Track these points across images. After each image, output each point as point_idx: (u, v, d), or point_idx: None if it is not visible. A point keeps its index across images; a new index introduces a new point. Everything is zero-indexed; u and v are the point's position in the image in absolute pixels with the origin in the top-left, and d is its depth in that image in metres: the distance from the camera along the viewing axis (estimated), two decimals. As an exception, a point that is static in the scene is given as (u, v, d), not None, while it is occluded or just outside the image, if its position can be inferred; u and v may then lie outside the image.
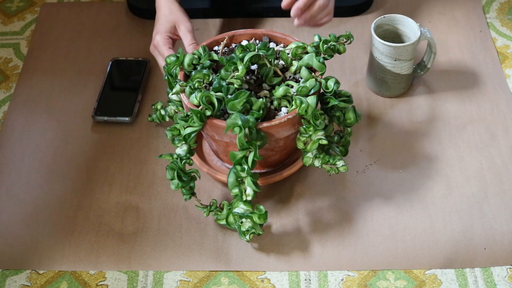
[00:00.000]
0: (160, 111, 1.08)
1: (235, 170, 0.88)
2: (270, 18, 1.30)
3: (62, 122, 1.14)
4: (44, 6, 1.36)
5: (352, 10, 1.29)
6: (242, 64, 0.90)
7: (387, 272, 0.94)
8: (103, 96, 1.16)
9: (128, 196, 1.04)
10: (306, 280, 0.94)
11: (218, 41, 1.02)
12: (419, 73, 1.15)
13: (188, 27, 1.08)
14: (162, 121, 1.09)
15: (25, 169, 1.08)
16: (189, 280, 0.94)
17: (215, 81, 0.91)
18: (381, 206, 1.01)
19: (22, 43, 1.30)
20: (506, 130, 1.10)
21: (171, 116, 1.06)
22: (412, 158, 1.07)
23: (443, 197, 1.01)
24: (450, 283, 0.93)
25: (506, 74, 1.19)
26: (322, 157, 0.93)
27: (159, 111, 1.08)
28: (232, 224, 0.93)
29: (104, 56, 1.24)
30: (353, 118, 0.96)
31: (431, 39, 1.09)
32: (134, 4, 1.32)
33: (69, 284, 0.95)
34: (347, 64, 1.21)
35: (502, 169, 1.04)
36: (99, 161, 1.08)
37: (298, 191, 1.03)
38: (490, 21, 1.29)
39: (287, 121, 0.90)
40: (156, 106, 1.09)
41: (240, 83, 0.91)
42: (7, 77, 1.23)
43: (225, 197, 1.03)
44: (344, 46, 0.97)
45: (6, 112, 1.16)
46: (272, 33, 1.03)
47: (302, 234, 0.98)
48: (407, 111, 1.13)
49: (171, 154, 0.92)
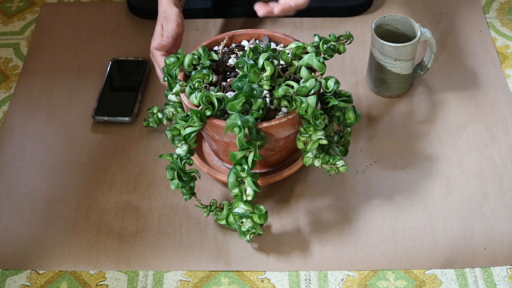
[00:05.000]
0: (157, 114, 1.07)
1: (235, 170, 0.88)
2: (270, 18, 1.30)
3: (62, 122, 1.14)
4: (44, 6, 1.36)
5: (352, 10, 1.29)
6: (270, 65, 0.90)
7: (387, 272, 0.94)
8: (103, 96, 1.16)
9: (128, 196, 1.04)
10: (306, 280, 0.94)
11: (218, 41, 1.02)
12: (419, 73, 1.15)
13: (170, 29, 1.07)
14: (160, 124, 1.08)
15: (25, 169, 1.08)
16: (189, 280, 0.94)
17: (246, 86, 0.88)
18: (381, 206, 1.01)
19: (22, 43, 1.30)
20: (506, 130, 1.10)
21: (169, 119, 1.05)
22: (412, 158, 1.07)
23: (443, 197, 1.01)
24: (450, 283, 0.93)
25: (506, 74, 1.19)
26: (322, 157, 0.93)
27: (156, 114, 1.07)
28: (232, 224, 0.93)
29: (104, 56, 1.24)
30: (353, 118, 0.96)
31: (431, 39, 1.09)
32: (134, 4, 1.32)
33: (69, 284, 0.95)
34: (347, 64, 1.21)
35: (502, 169, 1.05)
36: (99, 161, 1.08)
37: (298, 191, 1.03)
38: (490, 21, 1.29)
39: (287, 121, 0.90)
40: (152, 110, 1.08)
41: (269, 84, 0.90)
42: (7, 77, 1.23)
43: (225, 197, 1.03)
44: (344, 46, 0.97)
45: (6, 112, 1.16)
46: (272, 33, 1.03)
47: (302, 234, 0.98)
48: (407, 111, 1.13)
49: (171, 154, 0.92)
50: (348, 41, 0.98)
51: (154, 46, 1.05)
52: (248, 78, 0.89)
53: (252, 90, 0.88)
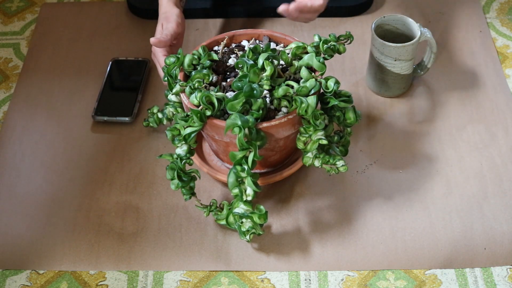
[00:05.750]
0: (157, 114, 1.07)
1: (235, 170, 0.88)
2: (270, 18, 1.30)
3: (62, 122, 1.14)
4: (44, 6, 1.36)
5: (352, 10, 1.29)
6: (270, 65, 0.90)
7: (387, 272, 0.94)
8: (103, 96, 1.16)
9: (128, 196, 1.04)
10: (306, 280, 0.94)
11: (218, 41, 1.02)
12: (419, 73, 1.15)
13: (169, 27, 1.06)
14: (160, 124, 1.08)
15: (25, 169, 1.08)
16: (189, 280, 0.94)
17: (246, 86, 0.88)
18: (381, 206, 1.01)
19: (22, 43, 1.30)
20: (506, 130, 1.10)
21: (170, 119, 1.05)
22: (412, 158, 1.07)
23: (443, 197, 1.01)
24: (450, 283, 0.93)
25: (506, 74, 1.19)
26: (322, 157, 0.93)
27: (156, 114, 1.07)
28: (232, 224, 0.93)
29: (104, 56, 1.24)
30: (353, 118, 0.96)
31: (431, 39, 1.09)
32: (134, 4, 1.32)
33: (69, 284, 0.95)
34: (347, 64, 1.21)
35: (502, 169, 1.05)
36: (99, 161, 1.08)
37: (298, 191, 1.03)
38: (490, 21, 1.29)
39: (287, 121, 0.90)
40: (152, 110, 1.08)
41: (269, 84, 0.90)
42: (7, 77, 1.23)
43: (225, 197, 1.03)
44: (344, 46, 0.97)
45: (6, 112, 1.16)
46: (272, 33, 1.03)
47: (302, 234, 0.98)
48: (407, 111, 1.13)
49: (171, 154, 0.92)
50: (348, 41, 0.98)
51: (152, 41, 1.04)
52: (248, 78, 0.89)
53: (252, 90, 0.88)
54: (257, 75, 0.89)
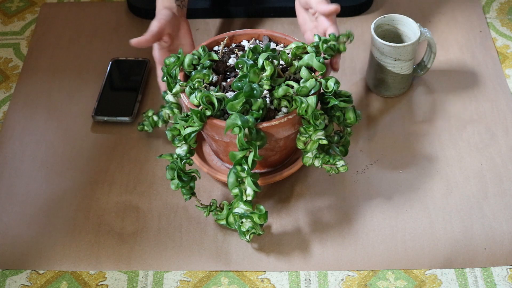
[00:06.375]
0: (152, 117, 1.06)
1: (235, 170, 0.88)
2: (270, 18, 1.30)
3: (62, 122, 1.14)
4: (44, 6, 1.36)
5: (352, 10, 1.29)
6: (270, 65, 0.90)
7: (387, 272, 0.94)
8: (103, 96, 1.16)
9: (128, 196, 1.04)
10: (306, 280, 0.94)
11: (218, 41, 1.02)
12: (419, 73, 1.15)
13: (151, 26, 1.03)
14: (155, 127, 1.07)
15: (25, 169, 1.08)
16: (189, 280, 0.94)
17: (246, 86, 0.87)
18: (381, 206, 1.01)
19: (22, 43, 1.30)
20: (506, 130, 1.10)
21: (166, 121, 1.05)
22: (412, 158, 1.07)
23: (443, 197, 1.01)
24: (450, 283, 0.93)
25: (506, 74, 1.19)
26: (322, 157, 0.93)
27: (151, 117, 1.06)
28: (232, 224, 0.93)
29: (104, 56, 1.24)
30: (353, 118, 0.96)
31: (431, 39, 1.09)
32: (134, 4, 1.32)
33: (69, 284, 0.95)
34: (347, 64, 1.21)
35: (502, 169, 1.04)
36: (99, 161, 1.08)
37: (298, 191, 1.03)
38: (490, 21, 1.29)
39: (287, 121, 0.90)
40: (147, 113, 1.07)
41: (269, 84, 0.90)
42: (7, 77, 1.23)
43: (225, 197, 1.03)
44: (344, 46, 0.97)
45: (6, 112, 1.16)
46: (272, 33, 1.03)
47: (302, 234, 0.98)
48: (407, 111, 1.13)
49: (171, 154, 0.92)
50: (349, 40, 0.98)
51: (131, 41, 1.01)
52: (248, 78, 0.89)
53: (252, 90, 0.88)
54: (257, 75, 0.89)
